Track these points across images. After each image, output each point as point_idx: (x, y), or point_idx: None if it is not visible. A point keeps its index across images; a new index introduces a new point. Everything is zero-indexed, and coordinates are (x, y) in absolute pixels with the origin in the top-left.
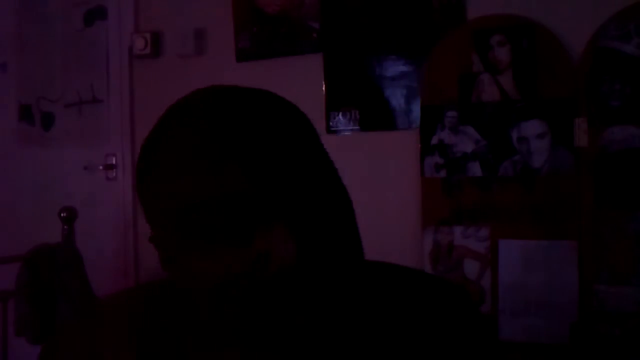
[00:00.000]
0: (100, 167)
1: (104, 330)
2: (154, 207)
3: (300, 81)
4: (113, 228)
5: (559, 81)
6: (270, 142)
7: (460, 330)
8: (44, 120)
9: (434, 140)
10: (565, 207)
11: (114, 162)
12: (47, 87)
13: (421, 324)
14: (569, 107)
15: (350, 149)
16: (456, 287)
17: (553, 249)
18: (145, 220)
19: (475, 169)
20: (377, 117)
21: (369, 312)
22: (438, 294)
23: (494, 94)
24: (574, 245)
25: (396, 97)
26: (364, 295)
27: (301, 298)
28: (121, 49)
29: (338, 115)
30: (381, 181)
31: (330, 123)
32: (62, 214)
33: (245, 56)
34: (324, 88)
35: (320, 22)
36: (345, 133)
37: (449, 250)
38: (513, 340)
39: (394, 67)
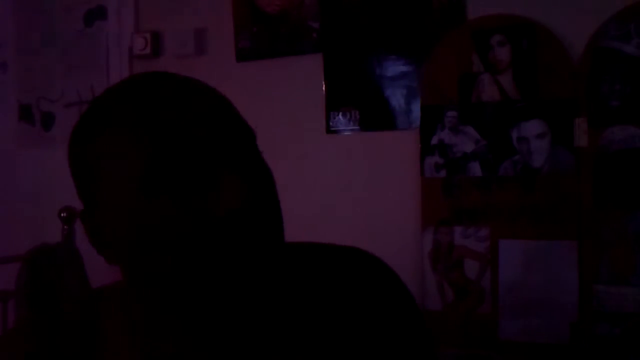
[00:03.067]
0: None
1: (102, 330)
2: (108, 167)
3: (300, 81)
4: None
5: (559, 81)
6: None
7: (384, 298)
8: (44, 120)
9: (434, 140)
10: (565, 207)
11: None
12: (47, 87)
13: (343, 296)
14: (569, 107)
15: (350, 149)
16: (372, 257)
17: (553, 249)
18: (86, 190)
19: (475, 169)
20: (377, 117)
21: (293, 295)
22: (356, 265)
23: (494, 94)
24: (574, 245)
25: (396, 97)
26: (292, 272)
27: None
28: (121, 49)
29: (338, 115)
30: (381, 181)
31: (330, 123)
32: (62, 214)
33: (245, 56)
34: (324, 88)
35: (320, 22)
36: (345, 133)
37: (449, 250)
38: (513, 340)
39: (394, 67)
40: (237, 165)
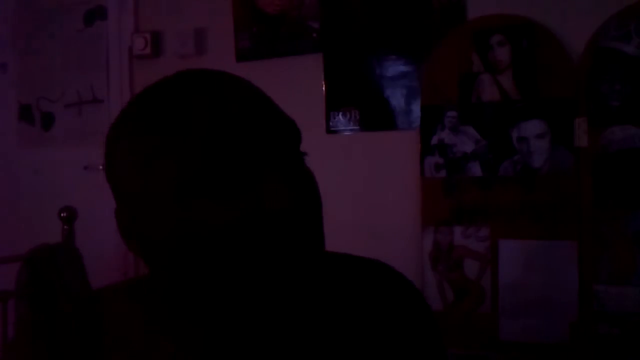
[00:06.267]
0: (100, 167)
1: (104, 331)
2: (143, 167)
3: (300, 81)
4: (113, 228)
5: (559, 81)
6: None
7: (404, 309)
8: (44, 120)
9: (434, 140)
10: (565, 207)
11: None
12: (47, 87)
13: (364, 306)
14: (569, 107)
15: (350, 149)
16: (391, 269)
17: (553, 249)
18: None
19: (475, 169)
20: (377, 117)
21: (325, 296)
22: (379, 276)
23: (494, 94)
24: (574, 245)
25: (396, 97)
26: (323, 280)
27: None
28: (121, 49)
29: (338, 115)
30: (381, 181)
31: (330, 123)
32: (62, 214)
33: (245, 56)
34: (324, 88)
35: (320, 22)
36: (345, 133)
37: (449, 250)
38: (513, 340)
39: (394, 67)
40: (281, 169)
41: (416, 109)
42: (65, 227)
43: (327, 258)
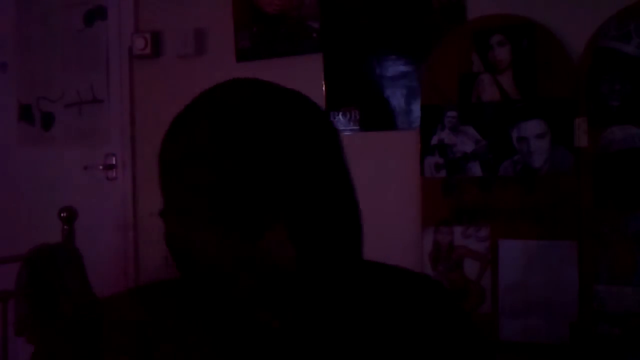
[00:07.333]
0: (100, 167)
1: (104, 331)
2: (184, 179)
3: (300, 81)
4: (113, 228)
5: (559, 81)
6: (283, 141)
7: (451, 326)
8: (44, 120)
9: (434, 140)
10: (565, 207)
11: (114, 162)
12: (47, 87)
13: (413, 322)
14: (569, 107)
15: (350, 149)
16: (440, 285)
17: (553, 249)
18: (166, 190)
19: (475, 169)
20: (377, 117)
21: (362, 312)
22: (427, 292)
23: (494, 94)
24: (574, 245)
25: (396, 97)
26: (356, 295)
27: (298, 302)
28: (121, 49)
29: (338, 115)
30: (381, 181)
31: None
32: (62, 214)
33: (245, 56)
34: (324, 88)
35: (320, 22)
36: (346, 133)
37: (449, 250)
38: (513, 340)
39: (394, 67)
40: (294, 218)
41: (416, 109)
42: (65, 227)
43: (368, 267)
